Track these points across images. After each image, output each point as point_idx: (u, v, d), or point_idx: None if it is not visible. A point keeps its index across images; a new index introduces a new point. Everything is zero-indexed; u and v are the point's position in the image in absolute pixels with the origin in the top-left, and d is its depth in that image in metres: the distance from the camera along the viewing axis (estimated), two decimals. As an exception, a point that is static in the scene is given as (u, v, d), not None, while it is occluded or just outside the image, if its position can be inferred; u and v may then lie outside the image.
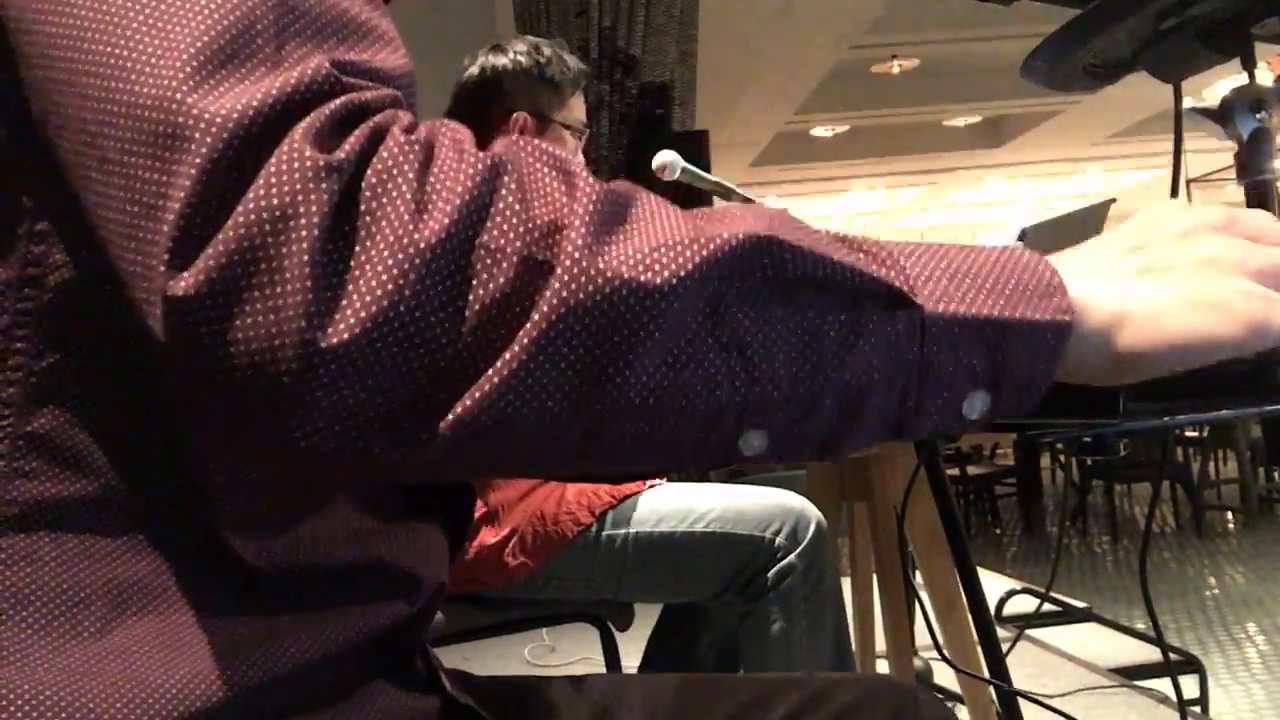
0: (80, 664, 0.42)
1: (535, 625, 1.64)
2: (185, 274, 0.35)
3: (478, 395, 0.36)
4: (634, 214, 0.39)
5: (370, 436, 0.37)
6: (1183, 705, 2.08)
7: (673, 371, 0.38)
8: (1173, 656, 2.73)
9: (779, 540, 1.40)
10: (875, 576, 1.82)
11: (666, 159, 1.45)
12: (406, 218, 0.36)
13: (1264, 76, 0.73)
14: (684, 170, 1.45)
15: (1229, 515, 6.28)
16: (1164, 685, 2.62)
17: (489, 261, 0.37)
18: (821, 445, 0.42)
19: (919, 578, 1.65)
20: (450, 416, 0.37)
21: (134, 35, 0.37)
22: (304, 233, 0.35)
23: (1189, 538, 5.62)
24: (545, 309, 0.36)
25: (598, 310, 0.37)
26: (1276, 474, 6.70)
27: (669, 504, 1.46)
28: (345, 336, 0.35)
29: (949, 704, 2.61)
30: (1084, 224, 1.50)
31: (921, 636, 1.85)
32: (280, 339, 0.35)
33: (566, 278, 0.37)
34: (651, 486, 1.51)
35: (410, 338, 0.36)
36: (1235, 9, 0.69)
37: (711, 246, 0.38)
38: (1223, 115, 0.73)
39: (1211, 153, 6.96)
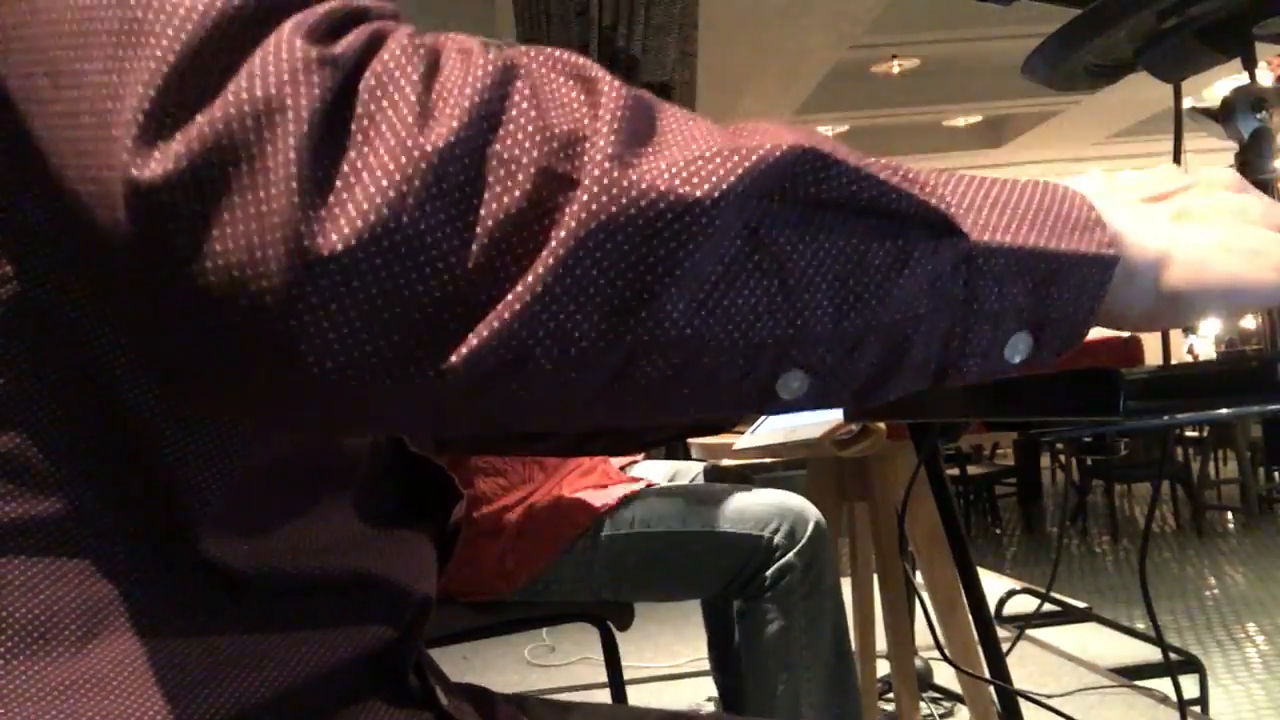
0: (52, 695, 0.40)
1: (535, 625, 1.64)
2: (154, 158, 0.31)
3: (495, 324, 0.33)
4: (662, 124, 0.36)
5: (371, 370, 0.33)
6: (1183, 705, 2.08)
7: (711, 300, 0.35)
8: (1173, 656, 2.73)
9: (777, 539, 1.40)
10: (875, 576, 1.82)
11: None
12: (410, 121, 0.33)
13: (1264, 76, 0.73)
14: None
15: (1229, 515, 6.28)
16: (1164, 685, 2.62)
17: (503, 173, 0.33)
18: (861, 391, 0.39)
19: (919, 578, 1.65)
20: (464, 349, 0.33)
21: None
22: (293, 127, 0.32)
23: (1189, 538, 5.62)
24: (572, 224, 0.33)
25: (631, 226, 0.33)
26: (1276, 474, 6.71)
27: (667, 505, 1.46)
28: (339, 245, 0.32)
29: (949, 703, 2.60)
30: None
31: (922, 636, 1.85)
32: (264, 245, 0.31)
33: (596, 189, 0.33)
34: (649, 486, 1.51)
35: (415, 253, 0.32)
36: (1235, 9, 0.69)
37: (752, 159, 0.35)
38: (1223, 115, 0.73)
39: (1212, 152, 6.93)
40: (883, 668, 2.04)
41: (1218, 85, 0.76)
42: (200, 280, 0.32)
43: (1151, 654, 2.92)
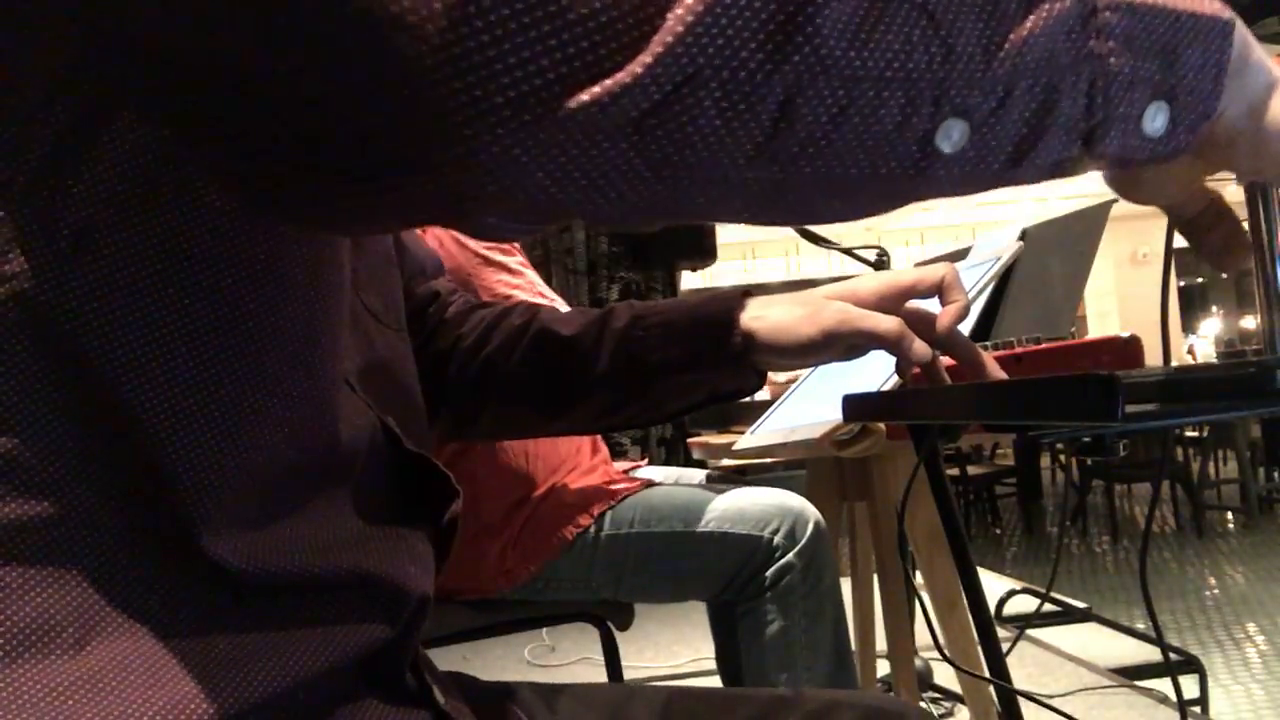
0: (51, 697, 0.40)
1: (535, 625, 1.64)
2: None
3: (667, 40, 0.33)
4: None
5: (549, 98, 0.32)
6: (1183, 705, 2.08)
7: (863, 31, 0.35)
8: (1173, 656, 2.73)
9: (777, 539, 1.41)
10: (875, 576, 1.82)
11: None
12: None
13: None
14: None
15: (1229, 515, 6.28)
16: (1164, 685, 2.62)
17: None
18: (1016, 150, 0.40)
19: (919, 578, 1.65)
20: (636, 67, 0.33)
21: None
22: None
23: (1189, 538, 5.63)
24: None
25: None
26: (1276, 474, 6.71)
27: (667, 504, 1.46)
28: None
29: (949, 703, 2.60)
30: (1084, 224, 1.50)
31: (921, 636, 1.86)
32: None
33: None
34: (649, 485, 1.51)
35: None
36: (1234, 9, 0.69)
37: None
38: (1223, 116, 0.73)
39: (1212, 152, 6.90)
40: (883, 668, 2.04)
41: (1218, 86, 0.76)
42: (352, 6, 0.31)
43: (1151, 654, 2.92)
